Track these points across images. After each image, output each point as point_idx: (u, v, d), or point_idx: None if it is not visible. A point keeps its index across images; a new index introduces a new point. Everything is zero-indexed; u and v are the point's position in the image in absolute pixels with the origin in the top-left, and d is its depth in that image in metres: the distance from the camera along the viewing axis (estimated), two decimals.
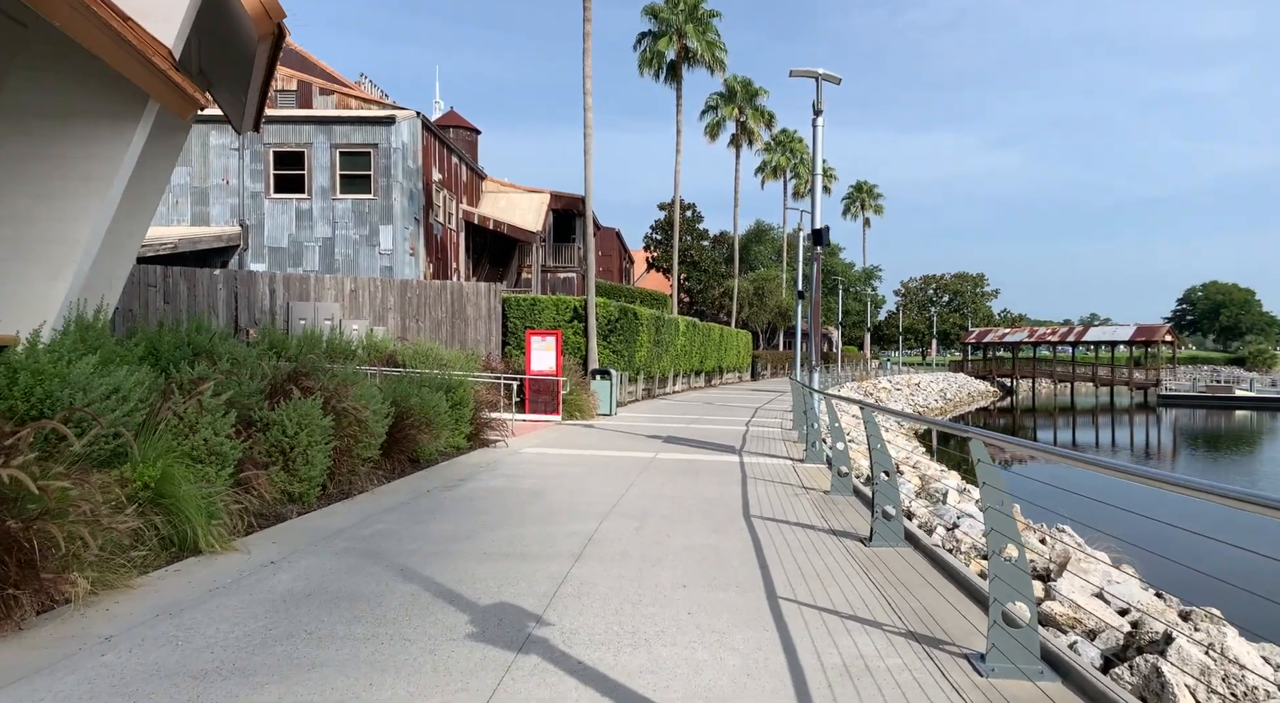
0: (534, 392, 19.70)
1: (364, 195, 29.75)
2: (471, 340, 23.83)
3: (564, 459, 12.78)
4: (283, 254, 29.41)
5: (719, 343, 44.60)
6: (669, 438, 16.55)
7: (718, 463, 12.86)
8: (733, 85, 51.26)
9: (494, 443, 14.01)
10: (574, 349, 25.58)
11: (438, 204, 33.64)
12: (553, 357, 19.76)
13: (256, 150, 29.54)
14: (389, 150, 29.68)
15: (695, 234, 62.00)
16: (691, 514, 8.56)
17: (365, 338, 19.70)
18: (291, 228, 29.69)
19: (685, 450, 14.46)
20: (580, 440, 15.69)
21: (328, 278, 21.99)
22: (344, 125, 29.73)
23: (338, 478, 9.06)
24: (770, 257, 72.30)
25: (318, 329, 20.21)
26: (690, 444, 15.51)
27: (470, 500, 9.02)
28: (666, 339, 33.03)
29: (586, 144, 25.61)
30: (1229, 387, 68.22)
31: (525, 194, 42.49)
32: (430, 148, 32.29)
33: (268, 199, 29.62)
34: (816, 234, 12.99)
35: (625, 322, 27.17)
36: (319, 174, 29.72)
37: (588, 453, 13.67)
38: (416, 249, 30.82)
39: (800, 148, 63.92)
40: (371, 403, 9.84)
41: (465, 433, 13.25)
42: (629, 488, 10.00)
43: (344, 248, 29.68)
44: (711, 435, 17.27)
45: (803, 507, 9.25)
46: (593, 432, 17.50)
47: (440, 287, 23.69)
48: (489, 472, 11.19)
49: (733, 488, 10.34)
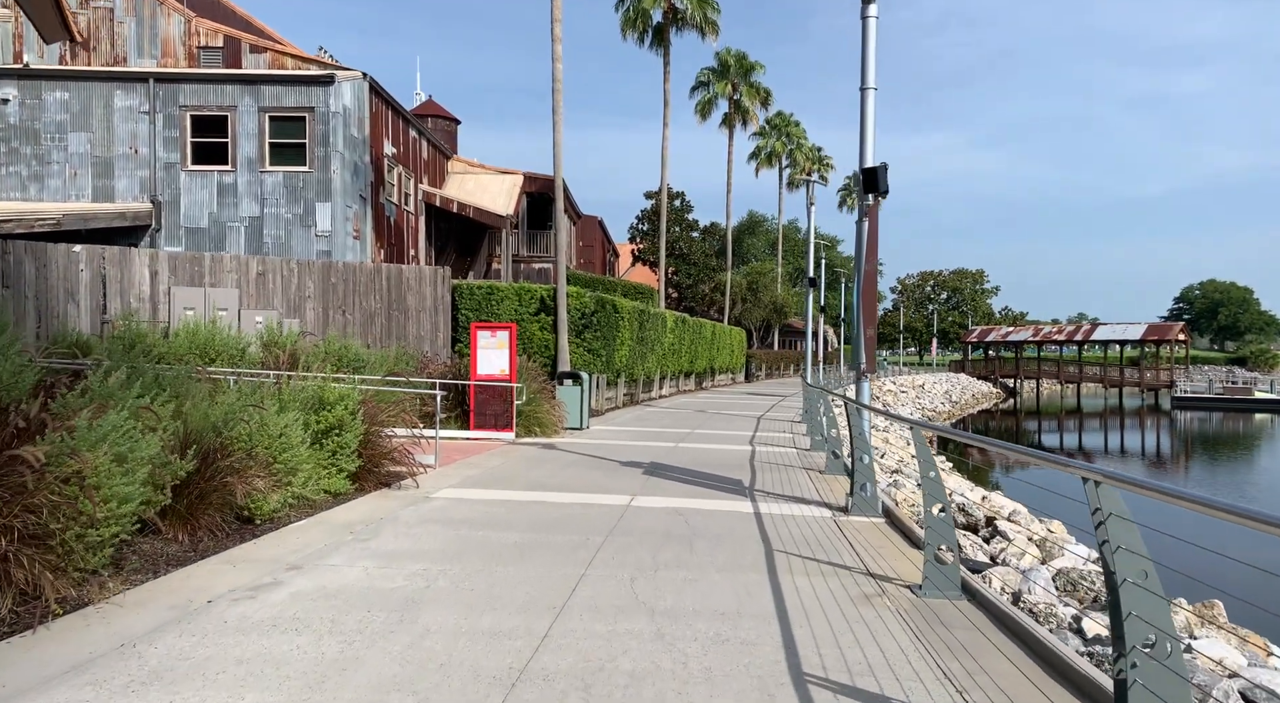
0: (481, 402, 15.42)
1: (298, 167, 25.38)
2: (413, 336, 19.53)
3: (485, 516, 8.49)
4: (202, 236, 25.02)
5: (711, 341, 40.40)
6: (652, 466, 12.31)
7: (722, 518, 8.62)
8: (725, 59, 46.83)
9: (398, 481, 9.73)
10: (541, 347, 21.34)
11: (391, 182, 29.29)
12: (505, 357, 15.49)
13: (171, 114, 25.13)
14: (327, 115, 25.32)
15: (684, 225, 57.72)
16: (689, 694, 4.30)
17: (265, 334, 15.42)
18: (213, 205, 25.29)
19: (673, 490, 10.22)
20: (528, 473, 11.42)
21: (227, 258, 17.64)
22: (274, 85, 25.35)
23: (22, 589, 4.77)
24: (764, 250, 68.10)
25: (214, 321, 15.91)
26: (680, 477, 11.27)
27: (233, 654, 4.74)
28: (652, 336, 28.78)
29: (556, 101, 21.34)
30: (1248, 388, 64.50)
31: (496, 175, 38.20)
32: (381, 116, 27.94)
33: (184, 171, 25.21)
34: (868, 176, 8.75)
35: (603, 315, 22.92)
36: (245, 142, 25.33)
37: (529, 498, 9.40)
38: (362, 232, 26.48)
39: (797, 133, 59.61)
40: (126, 443, 5.55)
41: (350, 469, 8.97)
42: (570, 597, 5.72)
43: (274, 228, 25.31)
44: (708, 461, 13.04)
45: (901, 645, 5.01)
46: (551, 457, 13.25)
47: (373, 271, 19.37)
48: (347, 548, 6.90)
49: (756, 591, 6.09)
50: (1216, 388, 65.28)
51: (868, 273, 8.77)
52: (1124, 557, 3.18)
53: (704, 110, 47.97)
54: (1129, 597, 3.13)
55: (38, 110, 24.71)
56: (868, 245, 8.79)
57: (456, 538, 7.26)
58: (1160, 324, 75.52)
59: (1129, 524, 3.21)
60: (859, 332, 9.10)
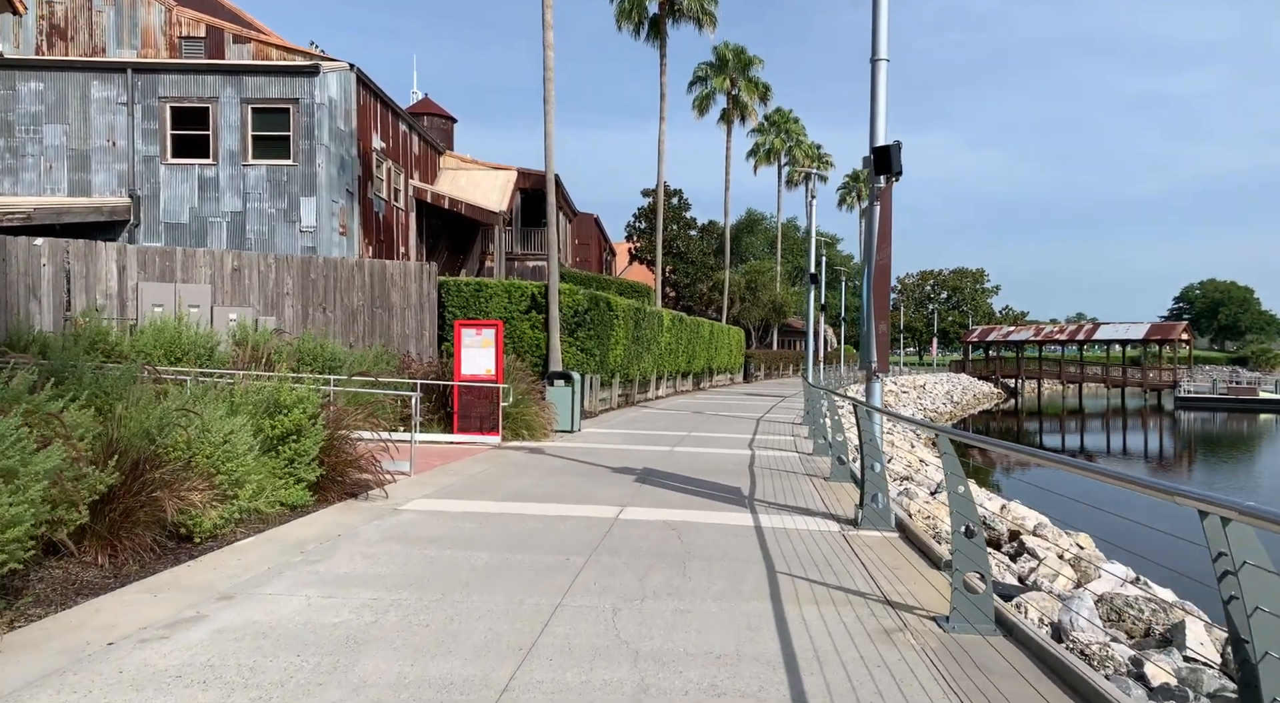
0: (465, 404, 14.60)
1: (281, 161, 24.55)
2: (398, 335, 18.72)
3: (455, 532, 7.68)
4: (182, 231, 24.19)
5: (709, 340, 39.59)
6: (645, 473, 11.50)
7: (719, 533, 7.81)
8: (723, 53, 45.92)
9: (367, 491, 8.91)
10: (532, 347, 20.54)
11: (379, 176, 28.48)
12: (491, 356, 14.67)
13: (150, 105, 24.30)
14: (312, 106, 24.49)
15: (682, 223, 56.87)
16: None
17: (236, 332, 14.62)
18: (193, 200, 24.46)
19: (667, 499, 9.41)
20: (510, 481, 10.61)
21: (200, 253, 16.81)
22: (257, 76, 24.52)
23: None
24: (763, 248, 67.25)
25: (184, 319, 15.09)
26: (675, 485, 10.46)
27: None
28: (648, 335, 27.97)
29: (548, 90, 20.51)
30: (1252, 389, 63.70)
31: (489, 171, 37.36)
32: (369, 109, 27.13)
33: (164, 165, 24.38)
34: (879, 156, 7.94)
35: (597, 313, 22.12)
36: (227, 135, 24.51)
37: (507, 510, 8.59)
38: (349, 228, 25.66)
39: (797, 129, 58.75)
40: (16, 455, 4.74)
41: (309, 479, 8.15)
42: (540, 635, 4.90)
43: (257, 224, 24.48)
44: (705, 467, 12.23)
45: (933, 699, 4.19)
46: (537, 462, 12.43)
47: (355, 267, 18.55)
48: (292, 572, 6.10)
49: (758, 625, 5.27)
50: (1221, 388, 64.46)
51: (879, 263, 7.95)
52: (1263, 621, 2.35)
53: (702, 106, 47.09)
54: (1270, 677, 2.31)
55: (11, 101, 23.86)
56: (879, 232, 7.97)
57: (419, 559, 6.44)
58: (1163, 324, 74.78)
59: (1272, 578, 2.38)
60: (869, 327, 8.29)
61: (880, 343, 8.01)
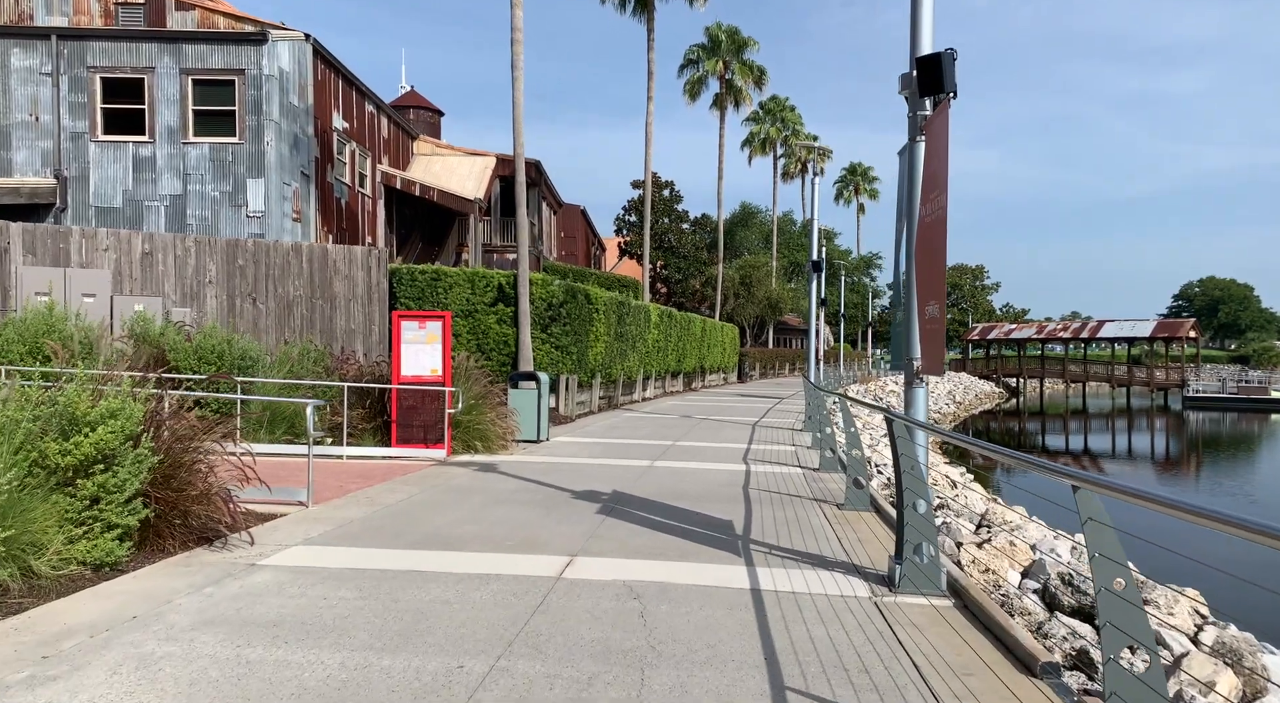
0: (406, 410, 12.24)
1: (226, 139, 22.18)
2: (342, 330, 16.36)
3: (315, 608, 5.35)
4: (115, 216, 21.78)
5: (700, 338, 37.27)
6: (613, 499, 9.17)
7: (702, 600, 5.49)
8: (716, 34, 43.44)
9: (221, 536, 6.55)
10: (499, 344, 18.22)
11: (342, 160, 26.09)
12: (437, 353, 12.32)
13: (78, 76, 21.89)
14: (259, 78, 22.10)
15: (674, 216, 54.47)
16: None
17: (132, 325, 12.26)
18: (127, 181, 22.06)
19: (634, 542, 7.08)
20: (436, 514, 8.26)
21: (103, 233, 14.42)
22: (198, 44, 22.13)
23: None
24: (758, 243, 64.88)
25: (78, 310, 12.71)
26: (650, 517, 8.12)
27: None
28: (633, 332, 25.63)
29: (515, 52, 18.13)
30: (1264, 388, 61.59)
31: (466, 157, 35.00)
32: (329, 84, 24.73)
33: (94, 142, 21.98)
34: (926, 69, 5.61)
35: (574, 307, 19.78)
36: (165, 109, 22.11)
37: (416, 564, 6.26)
38: (304, 214, 23.28)
39: (793, 118, 56.30)
40: None
41: (127, 525, 5.80)
42: None
43: (199, 208, 22.10)
44: (690, 489, 9.91)
45: None
46: (483, 484, 10.09)
47: (291, 251, 16.17)
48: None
49: None
50: (1231, 387, 62.35)
51: (927, 219, 5.59)
52: None
53: (693, 90, 44.59)
54: None
55: None
56: (926, 176, 5.64)
57: (225, 674, 4.10)
58: (1170, 321, 72.69)
59: None
60: (910, 310, 5.97)
61: (929, 333, 5.66)
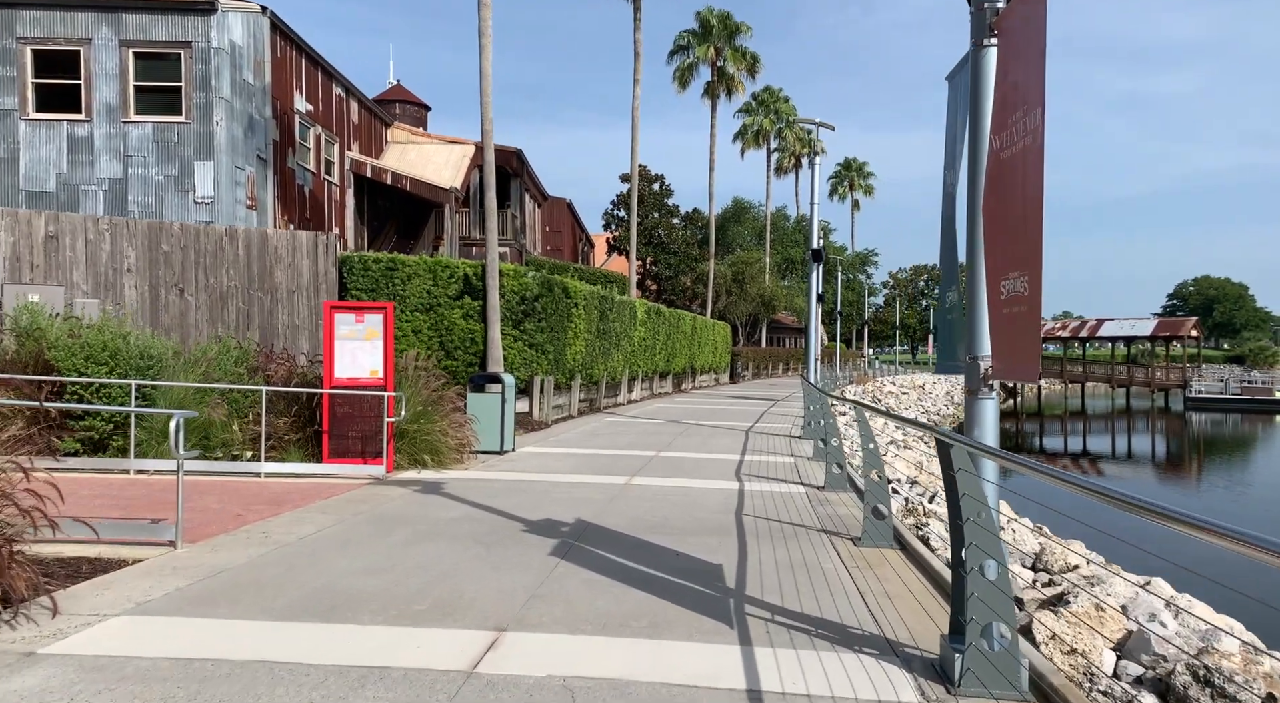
0: (340, 419, 10.38)
1: (171, 118, 20.27)
2: (284, 326, 14.49)
3: None
4: (49, 201, 19.86)
5: (691, 336, 35.46)
6: (575, 533, 7.35)
7: None
8: (707, 19, 41.59)
9: (30, 598, 4.70)
10: (465, 341, 16.38)
11: (305, 144, 24.20)
12: (377, 352, 10.48)
13: (7, 48, 19.96)
14: (208, 52, 20.20)
15: (664, 211, 52.66)
16: None
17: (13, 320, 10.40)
18: (61, 164, 20.14)
19: (592, 605, 5.27)
20: (341, 557, 6.43)
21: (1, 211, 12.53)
22: (139, 13, 20.21)
23: None
24: (750, 239, 63.09)
25: None
26: (614, 563, 6.31)
27: None
28: (617, 329, 23.81)
29: (483, 15, 16.28)
30: (1268, 389, 60.15)
31: (442, 145, 33.13)
32: (289, 62, 22.85)
33: (24, 121, 20.05)
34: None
35: (550, 301, 17.94)
36: (103, 85, 20.20)
37: (271, 652, 4.44)
38: (261, 201, 21.37)
39: (787, 110, 54.51)
40: None
41: None
42: None
43: (142, 193, 20.19)
44: (671, 517, 8.09)
45: None
46: (421, 510, 8.25)
47: (225, 236, 14.30)
48: None
49: None
50: (1234, 388, 60.88)
51: (1003, 154, 3.76)
52: None
53: (683, 77, 42.73)
54: None
55: None
56: (1001, 90, 3.82)
57: None
58: (1172, 320, 71.20)
59: None
60: (975, 286, 4.16)
61: (1007, 319, 3.81)
